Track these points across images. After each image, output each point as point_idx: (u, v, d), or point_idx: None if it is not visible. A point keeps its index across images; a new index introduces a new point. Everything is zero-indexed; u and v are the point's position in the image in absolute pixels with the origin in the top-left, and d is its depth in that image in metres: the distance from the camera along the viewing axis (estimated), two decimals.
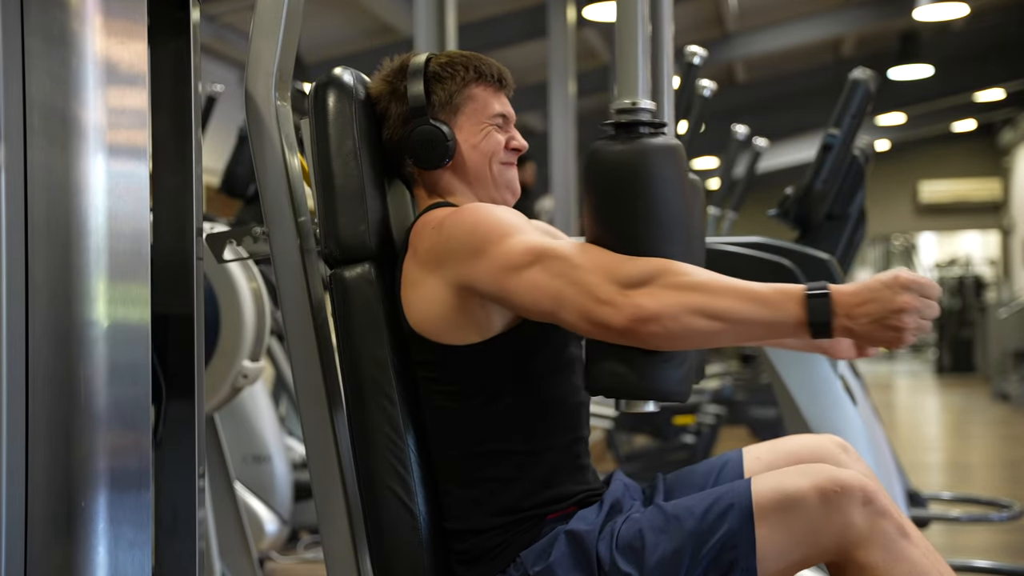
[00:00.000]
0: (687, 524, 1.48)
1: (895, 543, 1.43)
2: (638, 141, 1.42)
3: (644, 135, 1.43)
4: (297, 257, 1.64)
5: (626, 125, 1.43)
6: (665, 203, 1.42)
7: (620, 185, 1.43)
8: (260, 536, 3.42)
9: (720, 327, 1.39)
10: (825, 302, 1.36)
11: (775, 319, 1.38)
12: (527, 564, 1.53)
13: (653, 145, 1.42)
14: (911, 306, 1.34)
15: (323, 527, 1.64)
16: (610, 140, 1.44)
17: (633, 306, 1.39)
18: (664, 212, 1.42)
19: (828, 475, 1.45)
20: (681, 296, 1.39)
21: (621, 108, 1.44)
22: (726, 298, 1.39)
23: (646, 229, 1.42)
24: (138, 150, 1.36)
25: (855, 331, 1.37)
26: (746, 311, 1.38)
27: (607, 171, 1.43)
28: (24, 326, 1.24)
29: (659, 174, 1.42)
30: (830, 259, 2.75)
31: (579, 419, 1.65)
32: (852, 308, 1.36)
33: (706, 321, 1.39)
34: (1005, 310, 11.48)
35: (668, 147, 1.44)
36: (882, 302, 1.35)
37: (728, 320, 1.39)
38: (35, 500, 1.25)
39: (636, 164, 1.41)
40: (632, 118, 1.43)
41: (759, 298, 1.39)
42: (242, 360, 2.60)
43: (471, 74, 1.66)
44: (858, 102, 2.87)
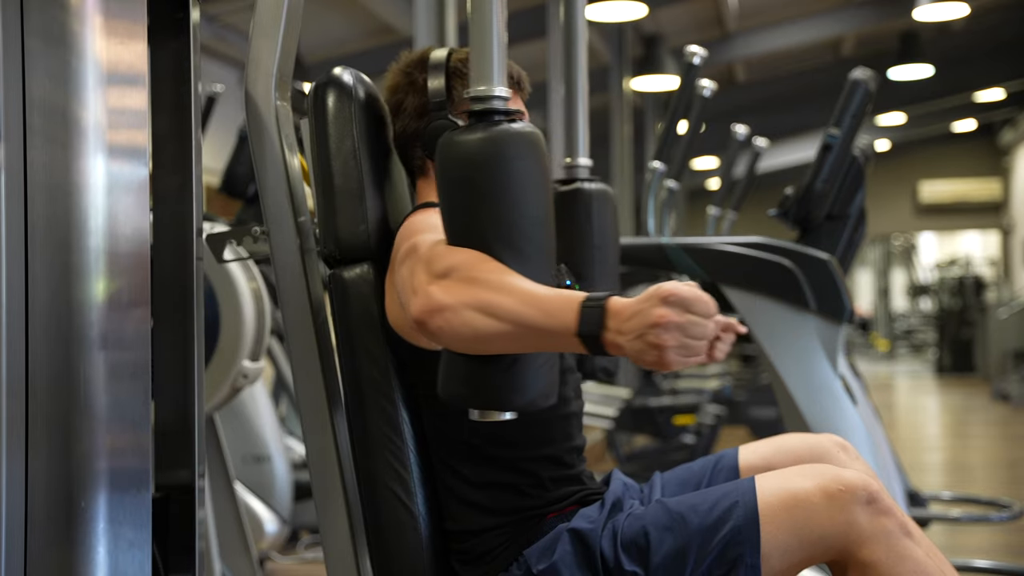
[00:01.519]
0: (692, 521, 1.48)
1: (898, 542, 1.43)
2: (490, 128, 1.34)
3: (498, 123, 1.35)
4: (297, 257, 1.64)
5: (479, 113, 1.36)
6: (501, 193, 1.33)
7: (455, 173, 1.35)
8: (260, 536, 3.42)
9: (498, 328, 1.27)
10: (597, 314, 1.24)
11: (550, 326, 1.26)
12: (531, 562, 1.53)
13: (502, 132, 1.34)
14: (668, 321, 1.20)
15: (323, 527, 1.64)
16: (460, 129, 1.37)
17: (426, 296, 1.31)
18: (497, 203, 1.33)
19: (832, 475, 1.46)
20: (468, 289, 1.29)
21: (475, 96, 1.36)
22: (509, 297, 1.27)
23: (475, 219, 1.33)
24: (138, 150, 1.36)
25: (624, 348, 1.23)
26: (524, 314, 1.26)
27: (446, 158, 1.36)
28: (24, 326, 1.24)
29: (506, 161, 1.33)
30: (830, 259, 2.76)
31: (572, 428, 1.65)
32: (621, 322, 1.23)
33: (485, 319, 1.28)
34: (1005, 310, 11.49)
35: (519, 134, 1.35)
36: (642, 316, 1.22)
37: (506, 321, 1.27)
38: (35, 500, 1.25)
39: (482, 151, 1.33)
40: (485, 106, 1.36)
41: (539, 303, 1.27)
42: (242, 360, 2.60)
43: None
44: (858, 102, 2.87)
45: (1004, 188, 15.69)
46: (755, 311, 2.77)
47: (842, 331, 2.74)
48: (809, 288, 2.72)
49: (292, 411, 4.58)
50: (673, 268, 2.92)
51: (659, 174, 3.49)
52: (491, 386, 1.33)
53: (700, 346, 1.23)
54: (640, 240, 3.14)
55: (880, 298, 20.48)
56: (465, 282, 1.29)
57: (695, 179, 12.56)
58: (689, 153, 3.67)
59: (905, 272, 20.26)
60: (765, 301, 2.76)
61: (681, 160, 3.64)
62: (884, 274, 20.60)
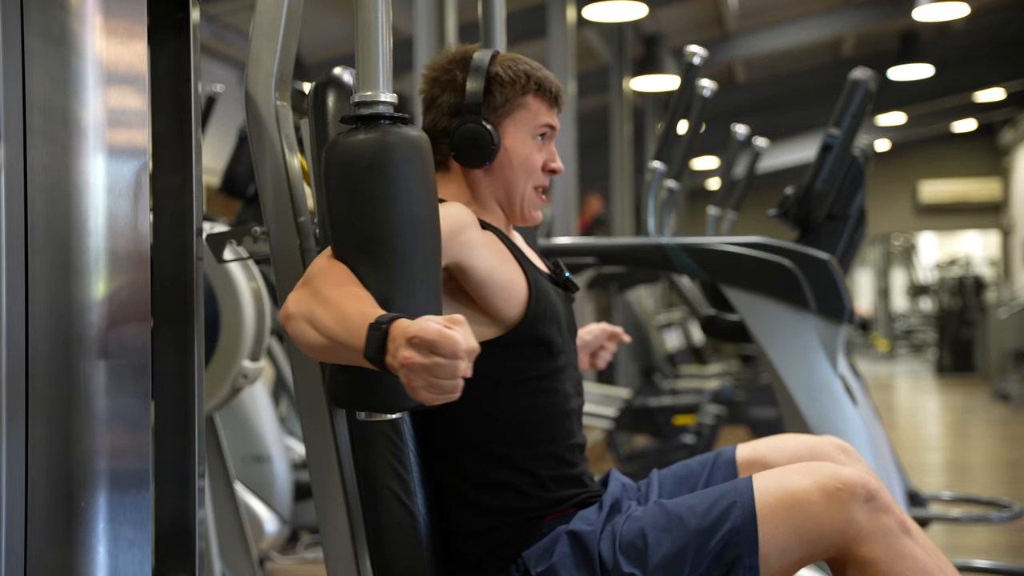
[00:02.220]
0: (690, 522, 1.48)
1: (897, 540, 1.43)
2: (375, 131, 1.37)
3: (384, 126, 1.38)
4: (297, 257, 1.64)
5: (366, 117, 1.39)
6: (391, 195, 1.35)
7: (342, 174, 1.37)
8: (260, 536, 3.42)
9: (320, 342, 1.32)
10: (379, 337, 1.24)
11: (349, 343, 1.28)
12: (529, 564, 1.53)
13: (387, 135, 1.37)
14: (412, 363, 1.20)
15: (323, 527, 1.64)
16: (346, 132, 1.40)
17: (284, 303, 1.39)
18: (387, 204, 1.35)
19: (830, 473, 1.46)
20: (308, 301, 1.35)
21: (361, 100, 1.39)
22: (328, 312, 1.31)
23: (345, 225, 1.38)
24: (138, 150, 1.36)
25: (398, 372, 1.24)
26: (333, 331, 1.30)
27: (333, 160, 1.39)
28: (24, 326, 1.24)
29: (390, 165, 1.35)
30: (830, 259, 2.76)
31: (573, 425, 1.65)
32: (392, 347, 1.23)
33: (312, 331, 1.33)
34: (1005, 310, 11.48)
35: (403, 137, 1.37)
36: (391, 354, 1.23)
37: (323, 335, 1.31)
38: (35, 500, 1.25)
39: (366, 154, 1.36)
40: (372, 111, 1.38)
41: (345, 319, 1.29)
42: (242, 360, 2.60)
43: (532, 84, 1.66)
44: (858, 102, 2.87)
45: (1004, 188, 15.69)
46: (755, 311, 2.77)
47: (842, 331, 2.74)
48: (809, 288, 2.72)
49: (292, 411, 4.58)
50: (673, 268, 2.92)
51: (659, 174, 3.49)
52: (362, 389, 1.36)
53: (450, 385, 1.21)
54: (640, 240, 3.14)
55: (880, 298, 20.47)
56: (310, 293, 1.35)
57: (695, 179, 12.56)
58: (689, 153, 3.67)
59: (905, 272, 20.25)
60: (765, 301, 2.76)
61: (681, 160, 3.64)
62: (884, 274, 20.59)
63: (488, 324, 1.58)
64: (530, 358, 1.60)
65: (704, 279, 3.16)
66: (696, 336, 8.53)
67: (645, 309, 6.88)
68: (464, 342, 1.20)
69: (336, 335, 1.30)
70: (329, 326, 1.31)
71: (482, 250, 1.57)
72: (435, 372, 1.20)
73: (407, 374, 1.21)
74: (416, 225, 1.37)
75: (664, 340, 7.27)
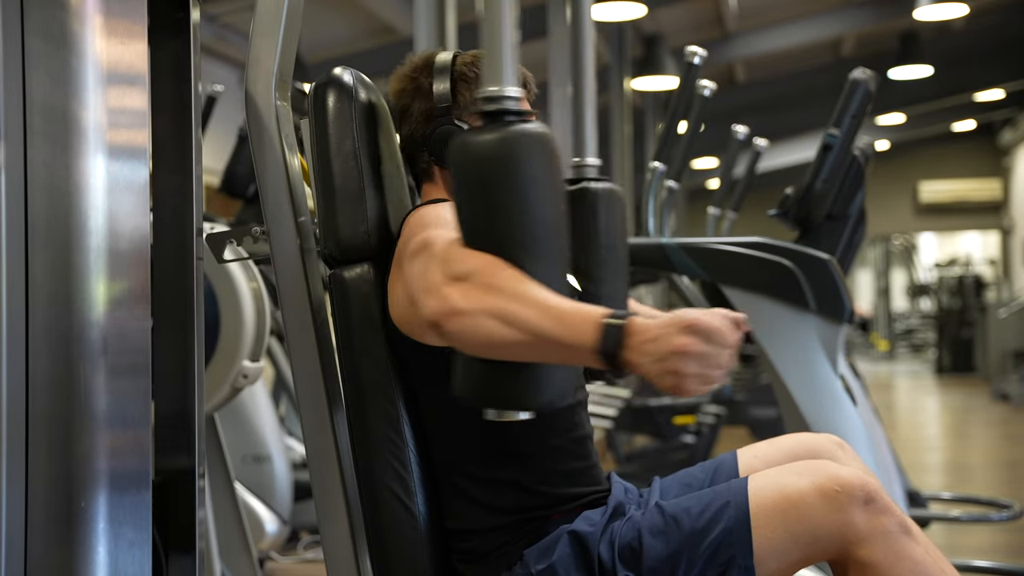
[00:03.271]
0: (684, 524, 1.48)
1: (897, 541, 1.42)
2: (503, 129, 1.34)
3: (511, 123, 1.35)
4: (297, 257, 1.64)
5: (491, 114, 1.36)
6: (517, 196, 1.33)
7: (469, 174, 1.35)
8: (260, 536, 3.42)
9: (516, 337, 1.28)
10: (618, 333, 1.24)
11: (570, 340, 1.26)
12: (530, 562, 1.53)
13: (515, 132, 1.34)
14: (690, 350, 1.21)
15: (323, 527, 1.64)
16: (473, 130, 1.37)
17: (441, 298, 1.31)
18: (513, 206, 1.33)
19: (828, 474, 1.45)
20: (487, 296, 1.29)
21: (486, 96, 1.36)
22: (528, 307, 1.28)
23: (491, 222, 1.33)
24: (138, 150, 1.36)
25: (641, 367, 1.25)
26: (543, 326, 1.27)
27: (459, 159, 1.36)
28: (24, 326, 1.24)
29: (519, 162, 1.33)
30: (830, 259, 2.76)
31: (576, 417, 1.65)
32: (641, 343, 1.24)
33: (502, 327, 1.28)
34: (1005, 310, 11.48)
35: (530, 134, 1.34)
36: (662, 341, 1.23)
37: (524, 331, 1.27)
38: (35, 500, 1.25)
39: (495, 152, 1.33)
40: (497, 107, 1.35)
41: (560, 315, 1.27)
42: (242, 360, 2.60)
43: None
44: (858, 102, 2.87)
45: (1004, 188, 15.69)
46: (755, 311, 2.76)
47: (842, 331, 2.74)
48: (809, 288, 2.72)
49: (292, 411, 4.58)
50: (673, 268, 2.92)
51: (659, 174, 3.49)
52: (508, 386, 1.33)
53: (717, 375, 1.24)
54: (640, 240, 3.14)
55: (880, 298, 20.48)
56: (484, 288, 1.29)
57: (695, 179, 12.56)
58: (689, 153, 3.67)
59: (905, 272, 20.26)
60: (765, 301, 2.76)
61: (681, 160, 3.64)
62: (884, 274, 20.60)
63: None
64: None
65: (704, 279, 3.16)
66: None
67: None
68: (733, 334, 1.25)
69: (546, 331, 1.26)
70: (535, 321, 1.27)
71: None
72: (708, 360, 1.22)
73: (679, 362, 1.22)
74: (549, 221, 1.35)
75: None
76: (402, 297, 1.54)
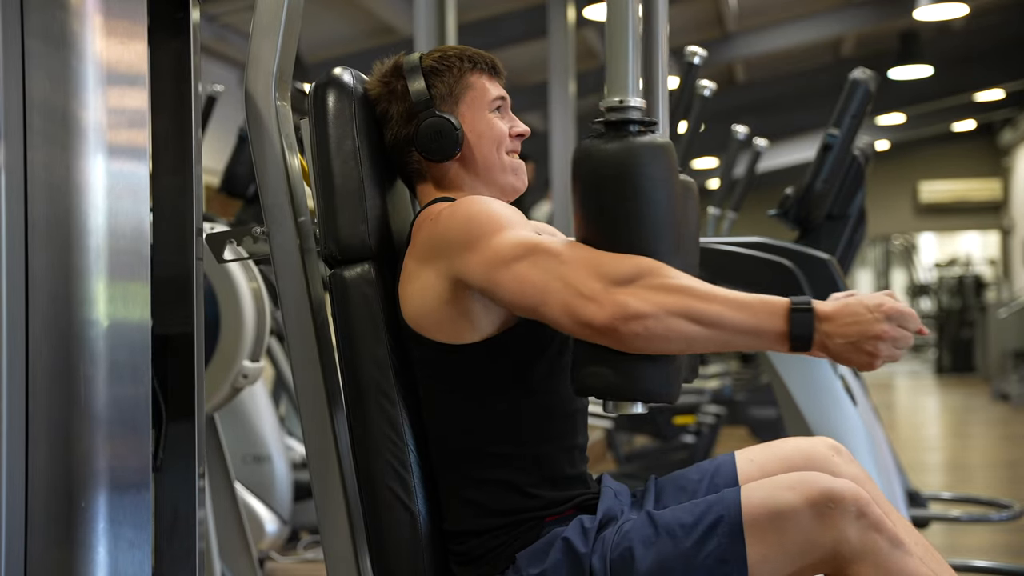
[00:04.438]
0: (677, 536, 1.47)
1: (888, 557, 1.42)
2: (627, 139, 1.41)
3: (633, 133, 1.41)
4: (297, 257, 1.64)
5: (616, 123, 1.42)
6: (654, 203, 1.41)
7: (608, 183, 1.41)
8: (260, 536, 3.42)
9: (704, 332, 1.39)
10: (808, 317, 1.38)
11: (759, 328, 1.39)
12: (523, 565, 1.53)
13: (642, 144, 1.41)
14: (889, 335, 1.37)
15: (323, 527, 1.64)
16: (599, 138, 1.42)
17: (616, 304, 1.38)
18: (653, 212, 1.41)
19: (820, 488, 1.44)
20: (667, 297, 1.38)
21: (611, 106, 1.42)
22: (713, 303, 1.39)
23: (635, 228, 1.41)
24: (138, 150, 1.36)
25: (830, 349, 1.38)
26: (733, 318, 1.39)
27: (595, 168, 1.42)
28: (24, 326, 1.24)
29: (648, 173, 1.40)
30: (830, 259, 2.75)
31: (575, 426, 1.65)
32: (833, 326, 1.38)
33: (690, 325, 1.38)
34: (1005, 310, 11.49)
35: (658, 145, 1.42)
36: (862, 326, 1.37)
37: (714, 326, 1.39)
38: (35, 500, 1.25)
39: (625, 162, 1.40)
40: (622, 116, 1.41)
41: (745, 306, 1.39)
42: (242, 360, 2.60)
43: (466, 64, 1.67)
44: (858, 102, 2.87)
45: (1004, 188, 15.69)
46: None
47: None
48: (809, 288, 2.72)
49: (292, 411, 4.58)
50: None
51: None
52: (641, 379, 1.42)
53: (901, 355, 1.40)
54: None
55: None
56: (657, 289, 1.39)
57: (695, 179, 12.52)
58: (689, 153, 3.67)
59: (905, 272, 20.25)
60: None
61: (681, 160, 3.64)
62: (884, 274, 20.59)
63: (488, 323, 1.57)
64: (530, 357, 1.59)
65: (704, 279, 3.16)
66: None
67: None
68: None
69: (736, 323, 1.38)
70: (724, 314, 1.38)
71: None
72: (899, 343, 1.38)
73: (877, 345, 1.36)
74: (673, 224, 1.44)
75: None
76: (418, 295, 1.55)
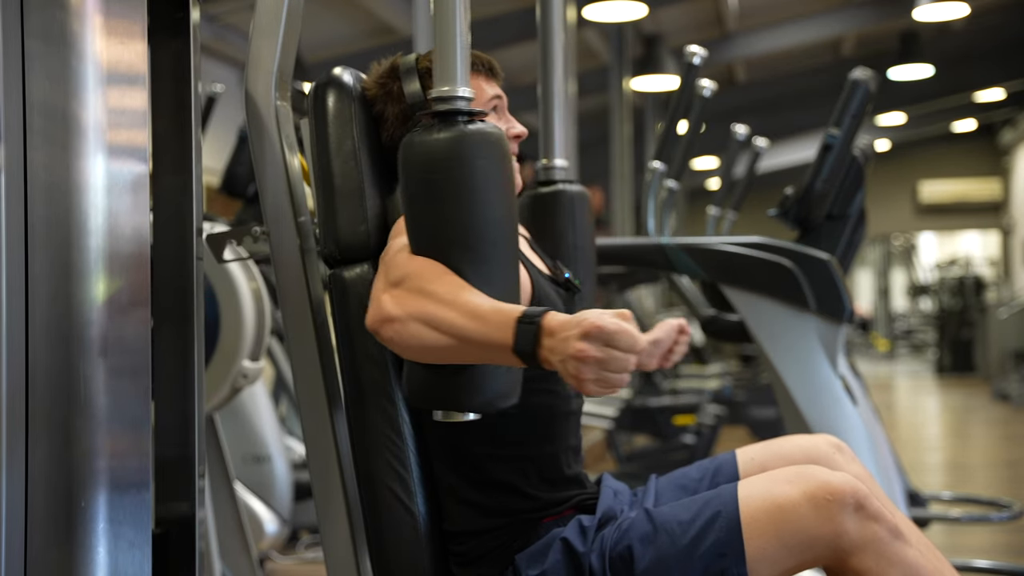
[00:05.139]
0: (675, 533, 1.47)
1: (888, 547, 1.42)
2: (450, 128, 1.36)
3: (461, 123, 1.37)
4: (297, 257, 1.64)
5: (442, 114, 1.38)
6: (470, 194, 1.35)
7: (421, 173, 1.37)
8: (260, 536, 3.42)
9: (442, 340, 1.32)
10: (532, 330, 1.26)
11: (490, 339, 1.29)
12: (522, 567, 1.53)
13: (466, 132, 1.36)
14: (589, 356, 1.21)
15: (323, 527, 1.65)
16: (423, 129, 1.39)
17: (377, 306, 1.38)
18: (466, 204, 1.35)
19: (819, 481, 1.44)
20: (416, 302, 1.34)
21: (437, 96, 1.38)
22: (451, 311, 1.31)
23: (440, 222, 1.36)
24: (138, 150, 1.36)
25: (554, 365, 1.26)
26: (465, 327, 1.30)
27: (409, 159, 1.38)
28: (24, 326, 1.24)
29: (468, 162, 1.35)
30: (830, 259, 2.76)
31: (568, 428, 1.65)
32: (553, 341, 1.25)
33: (430, 331, 1.32)
34: (1005, 310, 11.49)
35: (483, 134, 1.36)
36: (563, 344, 1.24)
37: (449, 334, 1.31)
38: (35, 500, 1.25)
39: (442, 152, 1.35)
40: (451, 107, 1.37)
41: (479, 315, 1.30)
42: (242, 360, 2.60)
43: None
44: (858, 102, 2.87)
45: (1004, 188, 15.69)
46: (755, 311, 2.76)
47: (842, 331, 2.74)
48: (809, 288, 2.72)
49: (292, 411, 4.58)
50: (673, 268, 2.92)
51: (659, 174, 3.49)
52: (448, 388, 1.37)
53: (619, 379, 1.23)
54: (640, 240, 3.14)
55: (880, 298, 20.47)
56: (414, 293, 1.34)
57: (695, 179, 12.56)
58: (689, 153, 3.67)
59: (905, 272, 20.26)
60: (765, 301, 2.76)
61: (681, 160, 3.64)
62: (884, 274, 20.60)
63: None
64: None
65: (704, 279, 3.16)
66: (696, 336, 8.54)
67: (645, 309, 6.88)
68: (639, 337, 1.23)
69: (467, 333, 1.30)
70: (457, 324, 1.30)
71: None
72: (607, 365, 1.22)
73: (578, 367, 1.22)
74: (499, 222, 1.37)
75: None
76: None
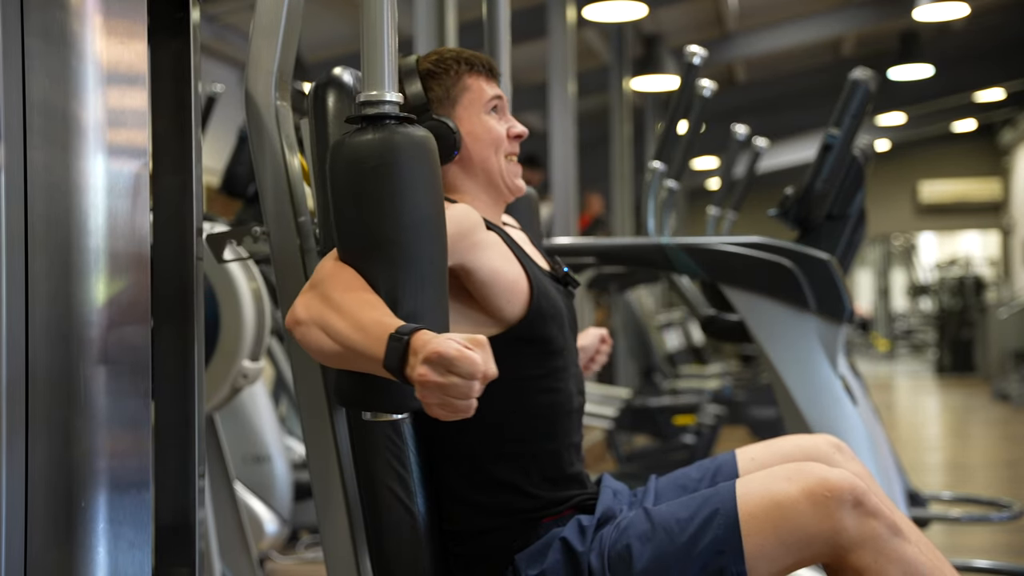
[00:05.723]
0: (673, 531, 1.47)
1: (887, 544, 1.42)
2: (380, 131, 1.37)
3: (390, 126, 1.38)
4: (297, 257, 1.64)
5: (372, 117, 1.39)
6: (394, 197, 1.35)
7: (347, 176, 1.37)
8: (260, 536, 3.42)
9: (334, 348, 1.32)
10: (400, 348, 1.25)
11: (368, 351, 1.28)
12: (521, 567, 1.53)
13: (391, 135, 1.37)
14: (428, 381, 1.21)
15: (323, 527, 1.64)
16: (351, 132, 1.40)
17: (291, 309, 1.40)
18: (390, 207, 1.35)
19: (817, 478, 1.44)
20: (319, 307, 1.35)
21: (367, 100, 1.39)
22: (342, 320, 1.32)
23: (363, 224, 1.37)
24: (138, 150, 1.36)
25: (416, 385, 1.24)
26: (349, 336, 1.31)
27: (334, 161, 1.39)
28: (24, 326, 1.24)
29: (393, 166, 1.35)
30: (830, 259, 2.76)
31: (571, 425, 1.65)
32: (415, 360, 1.23)
33: (326, 338, 1.33)
34: (1005, 310, 11.48)
35: (407, 137, 1.37)
36: (410, 367, 1.24)
37: (339, 342, 1.32)
38: (35, 500, 1.25)
39: (371, 155, 1.36)
40: (378, 110, 1.38)
41: (362, 327, 1.30)
42: (242, 360, 2.60)
43: (463, 66, 1.68)
44: (858, 102, 2.87)
45: (1004, 188, 15.69)
46: (755, 311, 2.76)
47: (842, 331, 2.74)
48: (809, 288, 2.72)
49: (292, 411, 4.58)
50: (673, 268, 2.92)
51: (659, 174, 3.49)
52: (366, 389, 1.37)
53: (463, 405, 1.22)
54: (640, 240, 3.14)
55: (880, 298, 20.47)
56: (320, 299, 1.35)
57: (695, 179, 12.56)
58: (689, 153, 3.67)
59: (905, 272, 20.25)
60: (765, 301, 2.76)
61: (681, 160, 3.64)
62: (884, 274, 20.59)
63: (489, 323, 1.58)
64: (531, 356, 1.59)
65: (704, 279, 3.16)
66: (696, 336, 8.54)
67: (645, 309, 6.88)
68: (483, 364, 1.21)
69: (353, 343, 1.30)
70: (345, 334, 1.31)
71: (488, 251, 1.58)
72: (449, 391, 1.21)
73: (421, 391, 1.23)
74: (423, 225, 1.38)
75: (664, 340, 7.27)
76: None
